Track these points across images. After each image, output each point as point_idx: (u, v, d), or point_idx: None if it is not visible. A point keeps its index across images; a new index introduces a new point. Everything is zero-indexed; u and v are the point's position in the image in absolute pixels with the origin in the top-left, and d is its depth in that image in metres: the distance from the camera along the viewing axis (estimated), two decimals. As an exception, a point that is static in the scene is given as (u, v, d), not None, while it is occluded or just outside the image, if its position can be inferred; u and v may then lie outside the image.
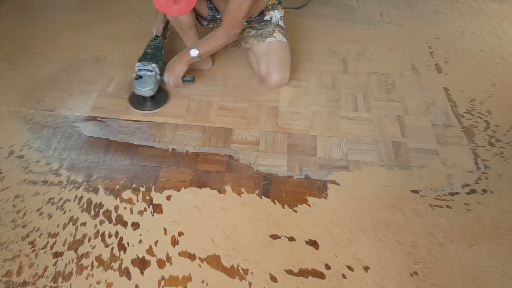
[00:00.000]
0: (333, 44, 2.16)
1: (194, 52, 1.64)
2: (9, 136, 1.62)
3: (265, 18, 1.79)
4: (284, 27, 1.84)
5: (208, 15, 1.79)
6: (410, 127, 1.67)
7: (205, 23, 1.85)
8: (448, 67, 2.00)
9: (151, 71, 1.66)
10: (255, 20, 1.78)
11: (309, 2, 2.50)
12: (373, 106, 1.77)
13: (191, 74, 1.86)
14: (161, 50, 1.77)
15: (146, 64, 1.66)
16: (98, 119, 1.70)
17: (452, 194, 1.43)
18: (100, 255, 1.25)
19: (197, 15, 1.80)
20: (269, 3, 1.76)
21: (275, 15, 1.80)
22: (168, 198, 1.41)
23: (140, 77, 1.65)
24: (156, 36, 1.83)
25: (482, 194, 1.43)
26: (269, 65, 1.76)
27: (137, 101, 1.75)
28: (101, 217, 1.35)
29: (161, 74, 1.71)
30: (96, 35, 2.21)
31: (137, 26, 2.27)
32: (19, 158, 1.53)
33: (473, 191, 1.44)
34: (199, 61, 1.91)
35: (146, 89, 1.67)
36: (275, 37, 1.77)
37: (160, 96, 1.77)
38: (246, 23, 1.80)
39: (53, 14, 2.37)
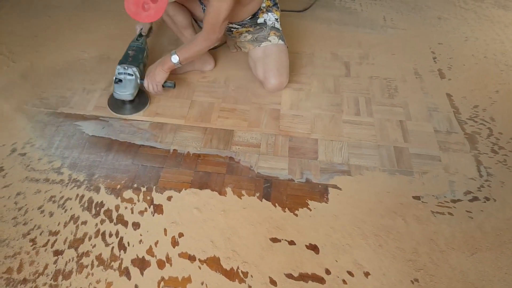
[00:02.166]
0: (335, 47, 2.15)
1: (175, 59, 1.61)
2: (11, 134, 1.62)
3: (259, 21, 1.76)
4: (280, 29, 1.81)
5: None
6: (412, 132, 1.67)
7: (202, 24, 1.85)
8: (451, 73, 2.00)
9: (131, 75, 1.63)
10: (249, 24, 1.77)
11: (312, 5, 2.50)
12: (375, 111, 1.76)
13: (193, 75, 1.86)
14: (143, 52, 1.74)
15: (126, 67, 1.63)
16: (100, 118, 1.70)
17: (454, 201, 1.42)
18: (100, 254, 1.25)
19: (193, 17, 1.80)
20: (263, 5, 1.74)
21: (269, 17, 1.77)
22: (169, 198, 1.41)
23: (120, 80, 1.62)
24: (140, 35, 1.80)
25: (485, 202, 1.42)
26: (266, 69, 1.75)
27: (116, 104, 1.73)
28: (102, 216, 1.35)
29: (142, 77, 1.68)
30: (99, 34, 2.21)
31: (141, 26, 2.27)
32: (22, 156, 1.54)
33: (475, 198, 1.43)
34: (201, 62, 1.91)
35: (126, 94, 1.64)
36: (270, 41, 1.75)
37: (140, 100, 1.74)
38: (241, 27, 1.78)
39: (56, 13, 2.38)
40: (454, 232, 1.33)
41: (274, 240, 1.30)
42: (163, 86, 1.69)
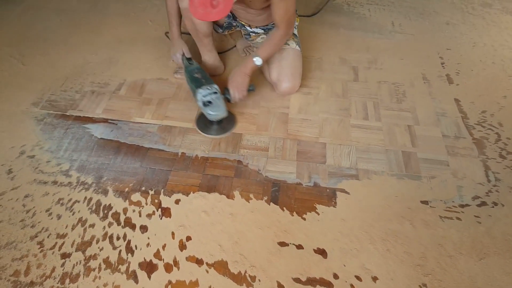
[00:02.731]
0: (344, 52, 2.16)
1: (258, 61, 1.64)
2: (20, 136, 1.63)
3: None
4: (297, 35, 1.85)
5: (225, 23, 1.80)
6: (421, 137, 1.66)
7: (220, 30, 1.86)
8: (459, 78, 1.99)
9: (216, 92, 1.58)
10: (270, 29, 1.78)
11: (320, 10, 2.51)
12: (383, 115, 1.76)
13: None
14: (204, 71, 1.70)
15: (209, 88, 1.57)
16: (109, 121, 1.71)
17: (462, 206, 1.42)
18: (107, 257, 1.25)
19: (214, 23, 1.81)
20: None
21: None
22: (177, 202, 1.41)
23: (210, 102, 1.56)
24: (188, 59, 1.76)
25: (493, 207, 1.42)
26: (281, 72, 1.76)
27: (206, 126, 1.67)
28: (109, 219, 1.36)
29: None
30: (109, 38, 2.23)
31: (150, 30, 2.29)
32: (30, 158, 1.55)
33: (483, 203, 1.43)
34: (213, 68, 1.92)
35: (222, 112, 1.58)
36: (289, 45, 1.77)
37: (227, 118, 1.66)
38: (262, 31, 1.79)
39: (66, 17, 2.40)
40: (462, 237, 1.32)
41: (282, 244, 1.29)
42: (248, 90, 1.69)
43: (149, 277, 1.21)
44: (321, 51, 2.16)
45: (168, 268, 1.23)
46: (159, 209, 1.39)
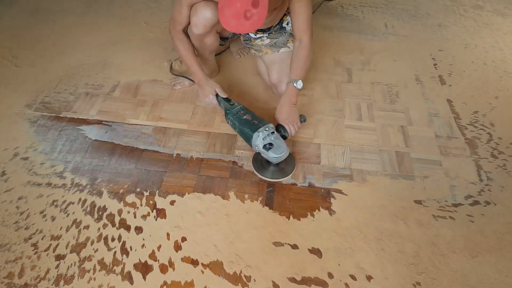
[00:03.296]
0: (337, 54, 2.17)
1: (299, 84, 1.57)
2: (14, 138, 1.62)
3: (283, 24, 1.76)
4: None
5: (230, 34, 1.78)
6: (414, 137, 1.68)
7: (223, 42, 1.84)
8: (452, 79, 2.01)
9: (274, 132, 1.47)
10: (273, 30, 1.76)
11: (314, 12, 2.52)
12: (377, 116, 1.78)
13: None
14: (249, 109, 1.59)
15: (267, 129, 1.46)
16: (103, 122, 1.71)
17: (455, 205, 1.43)
18: (102, 259, 1.25)
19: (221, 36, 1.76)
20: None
21: (290, 22, 1.76)
22: (172, 203, 1.41)
23: (271, 144, 1.44)
24: (227, 100, 1.63)
25: (485, 206, 1.43)
26: (281, 74, 1.75)
27: (264, 168, 1.52)
28: (104, 220, 1.35)
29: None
30: (103, 39, 2.23)
31: (145, 32, 2.29)
32: (24, 160, 1.54)
33: (476, 202, 1.44)
34: (210, 71, 1.92)
35: (285, 152, 1.44)
36: (289, 47, 1.77)
37: (288, 160, 1.52)
38: (264, 34, 1.77)
39: (60, 18, 2.40)
40: (455, 236, 1.33)
41: (277, 244, 1.30)
42: (301, 122, 1.60)
43: (144, 278, 1.21)
44: (315, 52, 2.17)
45: (163, 269, 1.23)
46: (154, 210, 1.39)
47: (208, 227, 1.34)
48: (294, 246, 1.29)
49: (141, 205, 1.40)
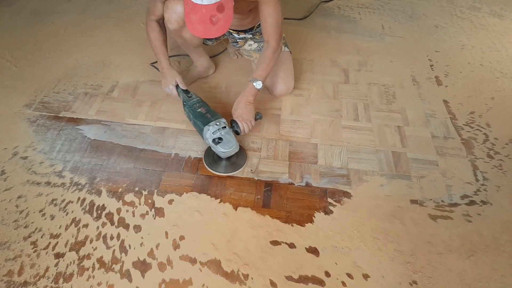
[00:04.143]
0: (334, 55, 2.19)
1: (259, 84, 1.55)
2: (13, 137, 1.63)
3: None
4: (284, 36, 1.83)
5: None
6: (410, 137, 1.69)
7: (209, 42, 1.85)
8: (448, 80, 2.03)
9: (225, 127, 1.48)
10: (257, 32, 1.78)
11: (311, 13, 2.54)
12: (373, 116, 1.79)
13: (197, 83, 1.88)
14: (206, 103, 1.59)
15: (218, 123, 1.47)
16: (102, 122, 1.72)
17: (451, 205, 1.44)
18: (101, 257, 1.26)
19: None
20: None
21: None
22: (170, 202, 1.42)
23: (220, 138, 1.46)
24: (185, 91, 1.64)
25: (481, 206, 1.44)
26: (273, 77, 1.77)
27: (216, 163, 1.56)
28: (103, 219, 1.36)
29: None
30: (102, 40, 2.24)
31: (143, 33, 2.30)
32: (23, 159, 1.55)
33: (472, 202, 1.45)
34: (204, 69, 1.93)
35: (234, 147, 1.46)
36: None
37: (238, 153, 1.56)
38: (250, 36, 1.79)
39: (59, 19, 2.40)
40: (451, 235, 1.35)
41: (275, 243, 1.31)
42: (255, 119, 1.59)
43: (143, 276, 1.22)
44: (312, 53, 2.19)
45: (161, 267, 1.24)
46: (153, 209, 1.40)
47: (206, 225, 1.35)
48: (291, 245, 1.30)
49: (140, 204, 1.41)
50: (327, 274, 1.23)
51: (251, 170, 1.54)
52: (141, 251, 1.28)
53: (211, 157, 1.57)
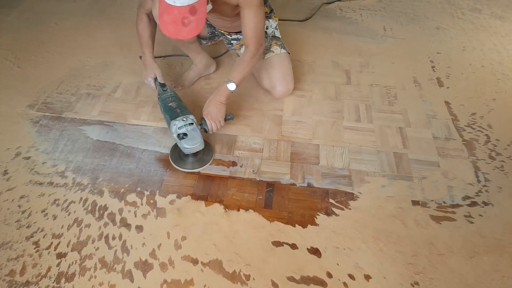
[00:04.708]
0: (336, 56, 2.19)
1: (232, 86, 1.54)
2: (16, 138, 1.64)
3: None
4: (280, 37, 1.84)
5: (208, 33, 1.80)
6: (412, 139, 1.69)
7: (204, 42, 1.86)
8: (450, 81, 2.03)
9: (192, 123, 1.47)
10: None
11: (313, 15, 2.54)
12: (375, 118, 1.79)
13: (197, 81, 1.89)
14: (180, 99, 1.60)
15: (185, 119, 1.47)
16: (105, 123, 1.72)
17: (453, 205, 1.44)
18: (103, 257, 1.26)
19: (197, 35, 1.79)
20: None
21: (270, 24, 1.79)
22: (172, 202, 1.43)
23: (185, 134, 1.46)
24: (162, 85, 1.66)
25: (483, 207, 1.44)
26: (271, 79, 1.78)
27: (181, 159, 1.57)
28: (105, 219, 1.37)
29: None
30: (105, 41, 2.24)
31: (145, 34, 2.31)
32: (26, 159, 1.55)
33: (474, 203, 1.45)
34: (205, 68, 1.94)
35: (198, 144, 1.48)
36: (273, 52, 1.78)
37: (205, 150, 1.57)
38: (240, 36, 1.78)
39: (62, 20, 2.41)
40: (453, 236, 1.35)
41: (276, 243, 1.31)
42: (225, 119, 1.59)
43: (145, 276, 1.22)
44: (314, 55, 2.19)
45: (163, 267, 1.24)
46: (155, 209, 1.40)
47: (207, 226, 1.35)
48: (293, 246, 1.31)
49: (142, 204, 1.42)
50: (329, 275, 1.23)
51: (253, 170, 1.54)
52: (143, 251, 1.28)
53: (178, 153, 1.58)
